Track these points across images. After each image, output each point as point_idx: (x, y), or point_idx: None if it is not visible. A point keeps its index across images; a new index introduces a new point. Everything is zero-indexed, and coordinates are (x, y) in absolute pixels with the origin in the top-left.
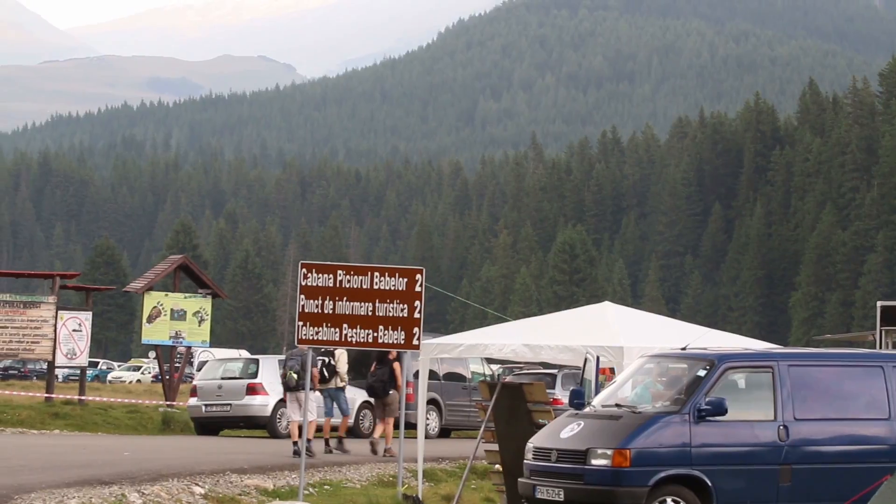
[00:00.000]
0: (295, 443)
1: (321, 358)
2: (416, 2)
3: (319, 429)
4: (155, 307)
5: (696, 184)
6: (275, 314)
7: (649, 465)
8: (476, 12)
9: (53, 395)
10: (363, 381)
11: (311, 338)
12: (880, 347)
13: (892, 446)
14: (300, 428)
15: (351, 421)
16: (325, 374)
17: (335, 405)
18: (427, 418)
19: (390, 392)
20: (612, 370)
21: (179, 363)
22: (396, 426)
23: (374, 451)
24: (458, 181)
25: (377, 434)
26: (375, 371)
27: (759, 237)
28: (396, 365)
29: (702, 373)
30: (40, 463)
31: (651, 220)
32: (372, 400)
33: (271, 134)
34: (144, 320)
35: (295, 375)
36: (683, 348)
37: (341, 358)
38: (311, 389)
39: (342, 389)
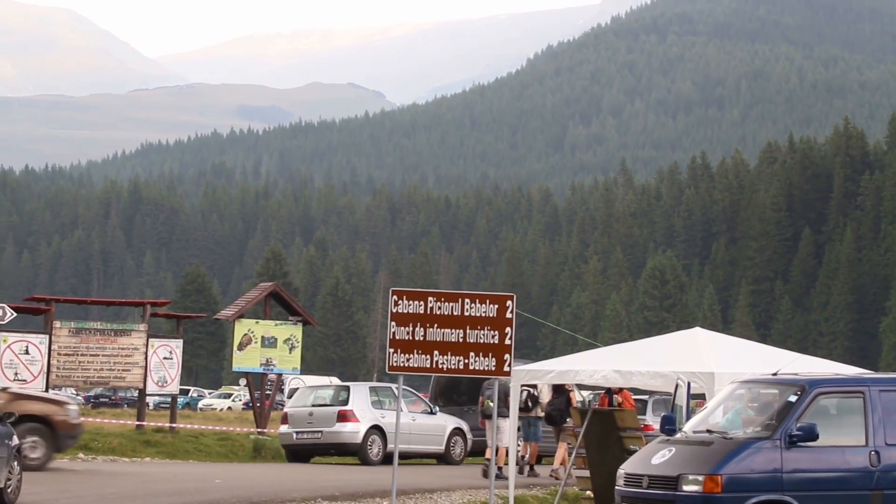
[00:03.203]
0: (499, 467)
1: (525, 389)
2: (504, 28)
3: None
4: (246, 334)
5: (785, 209)
6: (365, 341)
7: (741, 491)
8: (565, 38)
9: (144, 423)
10: (454, 408)
11: (401, 364)
12: None
13: None
14: (506, 452)
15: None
16: (528, 403)
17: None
18: (518, 444)
19: (567, 420)
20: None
21: (270, 390)
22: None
23: (556, 478)
24: (547, 207)
25: (557, 462)
26: (553, 400)
27: (849, 262)
28: (572, 394)
29: (793, 398)
30: (132, 491)
31: (741, 246)
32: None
33: (361, 161)
34: (235, 348)
35: (491, 404)
36: (774, 374)
37: (543, 390)
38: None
39: (540, 419)
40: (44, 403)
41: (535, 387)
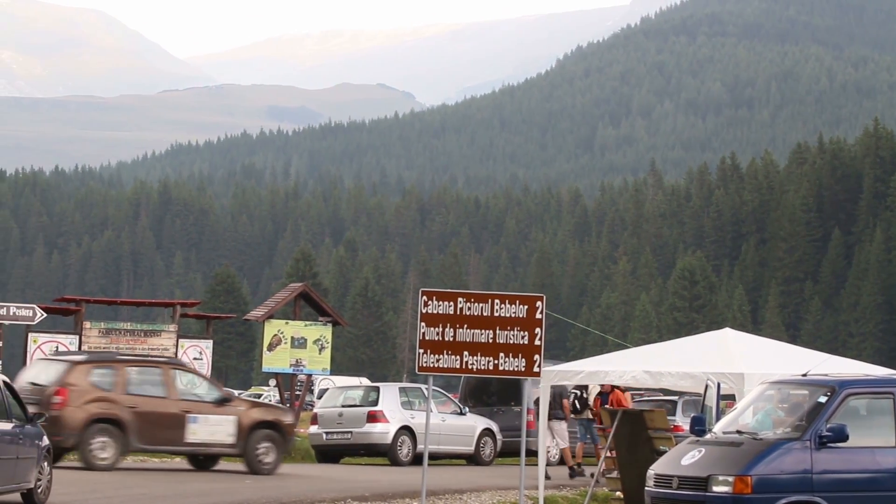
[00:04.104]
0: (571, 467)
1: (574, 391)
2: (533, 29)
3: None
4: (275, 335)
5: (815, 210)
6: (395, 342)
7: (770, 492)
8: (595, 39)
9: None
10: (484, 409)
11: (431, 365)
12: None
13: None
14: (571, 453)
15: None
16: (577, 405)
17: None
18: (553, 446)
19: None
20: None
21: (300, 391)
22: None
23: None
24: (577, 208)
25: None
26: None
27: (879, 263)
28: (619, 394)
29: (823, 399)
30: (161, 491)
31: (770, 247)
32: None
33: (390, 162)
34: (265, 348)
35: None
36: (804, 375)
37: (593, 391)
38: (563, 419)
39: (593, 420)
40: (273, 410)
41: (585, 388)
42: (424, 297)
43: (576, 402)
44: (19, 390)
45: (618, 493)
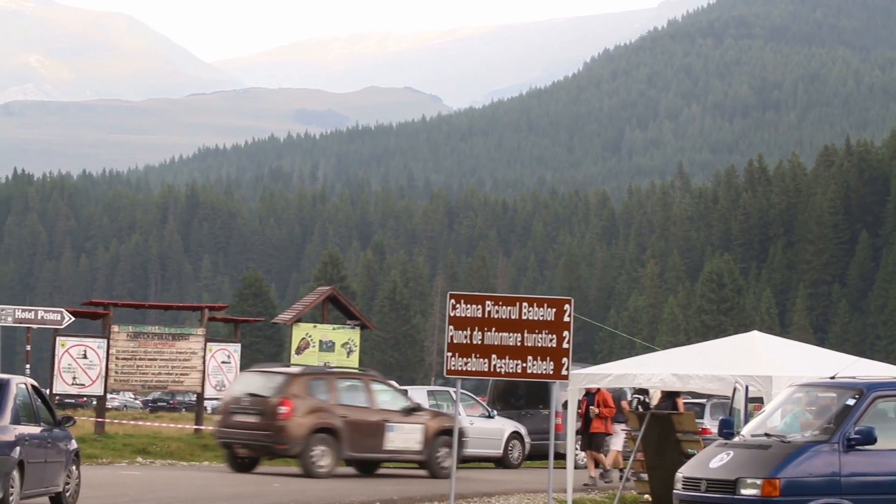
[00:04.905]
0: (609, 471)
1: (636, 396)
2: (560, 32)
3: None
4: (303, 339)
5: (842, 212)
6: (423, 345)
7: (798, 495)
8: (622, 42)
9: (203, 427)
10: (512, 412)
11: (459, 368)
12: None
13: None
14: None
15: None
16: (639, 409)
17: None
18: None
19: None
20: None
21: None
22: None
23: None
24: (604, 211)
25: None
26: (660, 404)
27: None
28: (679, 400)
29: (851, 402)
30: (190, 494)
31: (798, 249)
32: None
33: (418, 165)
34: (293, 352)
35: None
36: (832, 377)
37: (655, 395)
38: (623, 422)
39: None
40: (450, 419)
41: (646, 392)
42: (452, 301)
43: (638, 406)
44: (232, 400)
45: (646, 496)
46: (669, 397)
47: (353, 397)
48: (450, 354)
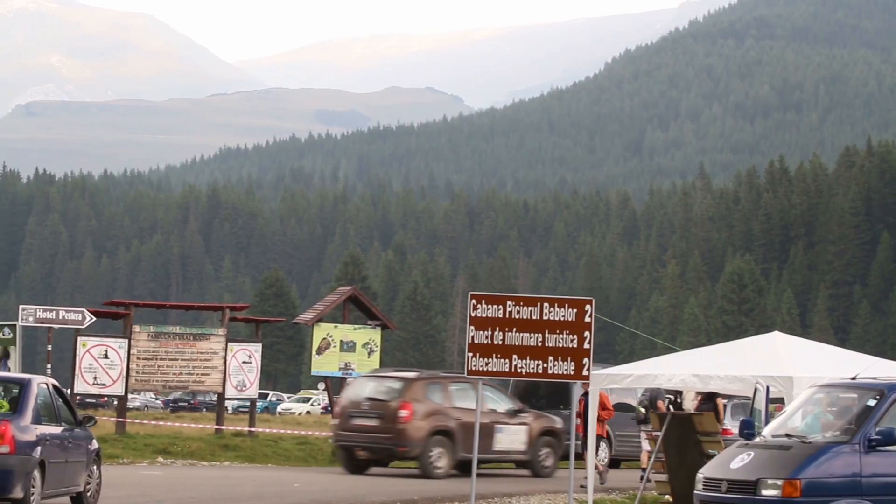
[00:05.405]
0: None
1: (668, 395)
2: (582, 32)
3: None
4: (324, 339)
5: (864, 213)
6: (444, 345)
7: (819, 496)
8: (643, 42)
9: (223, 427)
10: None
11: (480, 369)
12: None
13: None
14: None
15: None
16: (672, 410)
17: None
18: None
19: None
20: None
21: None
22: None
23: None
24: (626, 211)
25: None
26: (700, 406)
27: None
28: (719, 401)
29: (872, 402)
30: (211, 494)
31: (819, 250)
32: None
33: (439, 165)
34: (314, 352)
35: (643, 410)
36: (853, 378)
37: (687, 396)
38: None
39: None
40: (550, 419)
41: (679, 394)
42: (473, 301)
43: (670, 406)
44: (351, 404)
45: (667, 497)
46: (709, 399)
47: (465, 400)
48: (471, 355)
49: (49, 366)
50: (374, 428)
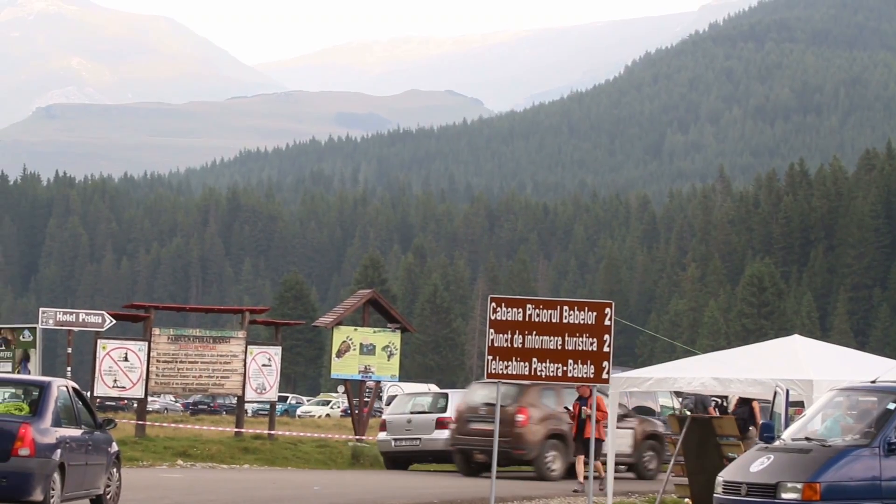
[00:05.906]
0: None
1: (715, 399)
2: (602, 35)
3: None
4: (344, 342)
5: (884, 216)
6: (463, 348)
7: (839, 499)
8: (663, 45)
9: (243, 430)
10: None
11: (500, 372)
12: None
13: None
14: None
15: None
16: (717, 414)
17: None
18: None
19: (749, 429)
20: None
21: (369, 398)
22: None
23: None
24: (645, 214)
25: None
26: (736, 409)
27: None
28: (755, 404)
29: (892, 406)
30: (230, 497)
31: (839, 253)
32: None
33: (459, 168)
34: (334, 355)
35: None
36: (873, 381)
37: (733, 400)
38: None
39: None
40: (653, 423)
41: (725, 398)
42: (493, 304)
43: (716, 410)
44: (468, 409)
45: (686, 500)
46: (745, 403)
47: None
48: (490, 358)
49: (69, 368)
50: (492, 432)
